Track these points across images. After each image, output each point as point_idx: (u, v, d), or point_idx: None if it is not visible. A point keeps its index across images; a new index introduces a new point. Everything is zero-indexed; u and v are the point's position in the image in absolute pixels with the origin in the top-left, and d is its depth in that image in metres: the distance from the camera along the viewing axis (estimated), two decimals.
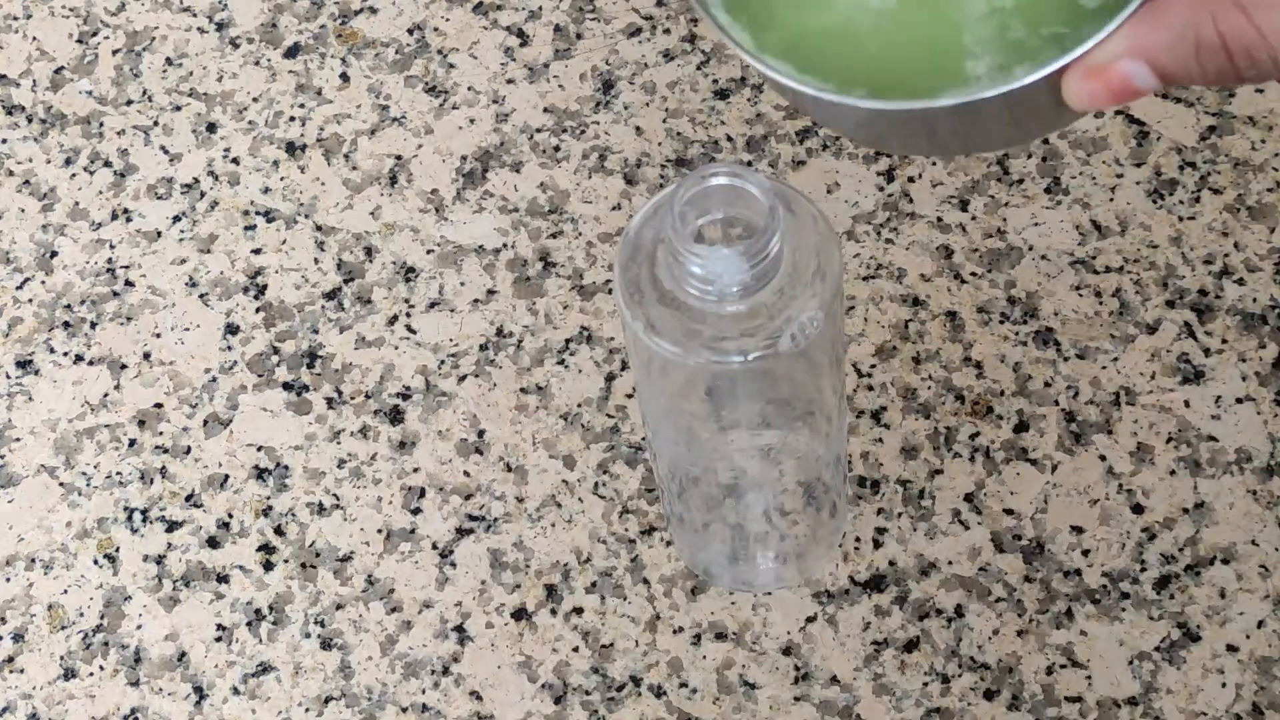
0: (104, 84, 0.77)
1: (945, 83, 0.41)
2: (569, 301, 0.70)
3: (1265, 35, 0.36)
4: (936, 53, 0.41)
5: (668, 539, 0.64)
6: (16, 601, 0.65)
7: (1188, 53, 0.37)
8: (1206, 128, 0.71)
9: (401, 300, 0.70)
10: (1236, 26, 0.36)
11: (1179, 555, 0.63)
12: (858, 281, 0.69)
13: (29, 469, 0.68)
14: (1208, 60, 0.37)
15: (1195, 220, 0.69)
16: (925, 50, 0.41)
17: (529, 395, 0.68)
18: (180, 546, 0.66)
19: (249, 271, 0.72)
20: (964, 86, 0.40)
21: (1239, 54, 0.37)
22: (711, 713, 0.61)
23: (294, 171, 0.74)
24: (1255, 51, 0.37)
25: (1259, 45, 0.36)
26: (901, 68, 0.41)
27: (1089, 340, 0.67)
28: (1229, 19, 0.36)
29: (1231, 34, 0.36)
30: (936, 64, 0.41)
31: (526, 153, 0.73)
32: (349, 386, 0.69)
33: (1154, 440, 0.65)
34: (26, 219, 0.74)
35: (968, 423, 0.66)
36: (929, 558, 0.63)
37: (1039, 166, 0.71)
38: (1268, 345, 0.66)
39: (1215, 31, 0.37)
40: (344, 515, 0.66)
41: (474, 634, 0.63)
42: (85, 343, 0.70)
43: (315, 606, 0.64)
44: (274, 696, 0.63)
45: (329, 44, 0.77)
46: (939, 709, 0.61)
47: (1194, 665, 0.61)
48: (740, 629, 0.63)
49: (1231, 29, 0.36)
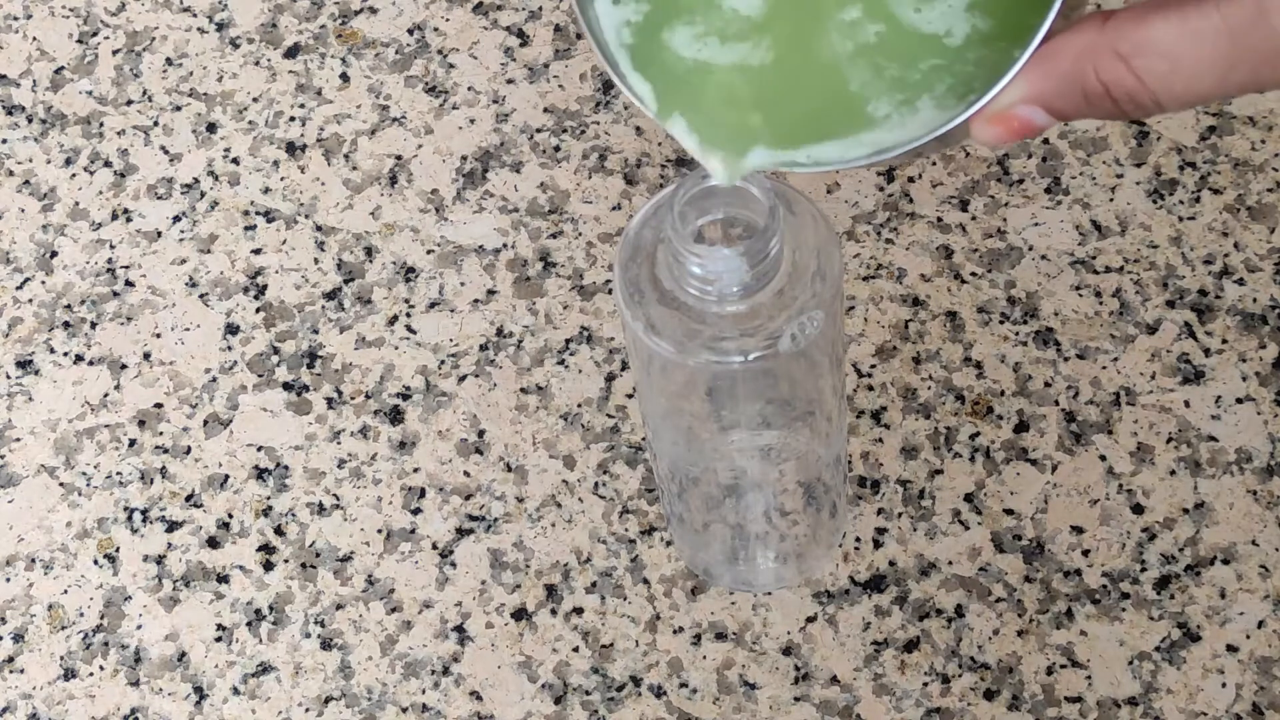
0: (104, 84, 0.77)
1: (855, 127, 0.43)
2: (569, 301, 0.70)
3: (1144, 82, 0.39)
4: (833, 101, 0.44)
5: (668, 539, 0.64)
6: (16, 601, 0.65)
7: (1077, 98, 0.40)
8: (1206, 128, 0.71)
9: (401, 300, 0.70)
10: (1117, 75, 0.39)
11: (1179, 555, 0.63)
12: (858, 281, 0.69)
13: (29, 469, 0.68)
14: (1096, 104, 0.40)
15: (1195, 220, 0.69)
16: (821, 99, 0.44)
17: (529, 395, 0.68)
18: (180, 546, 0.66)
19: (249, 271, 0.72)
20: (874, 128, 0.43)
21: (1123, 99, 0.40)
22: (711, 713, 0.61)
23: (294, 171, 0.74)
24: (1137, 96, 0.39)
25: (1140, 91, 0.39)
26: (806, 118, 0.44)
27: (1089, 340, 0.67)
28: (1110, 69, 0.39)
29: (1113, 82, 0.39)
30: (839, 110, 0.43)
31: (526, 153, 0.73)
32: (349, 386, 0.69)
33: (1154, 440, 0.65)
34: (26, 219, 0.74)
35: (968, 423, 0.66)
36: (929, 558, 0.63)
37: (1039, 166, 0.71)
38: (1268, 345, 0.66)
39: (1098, 81, 0.39)
40: (344, 515, 0.66)
41: (474, 634, 0.63)
42: (85, 343, 0.70)
43: (315, 606, 0.64)
44: (274, 696, 0.63)
45: (329, 44, 0.77)
46: (939, 709, 0.61)
47: (1194, 665, 0.61)
48: (740, 629, 0.63)
49: (1113, 78, 0.39)
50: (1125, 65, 0.39)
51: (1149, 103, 0.39)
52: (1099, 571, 0.63)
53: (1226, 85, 0.39)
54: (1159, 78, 0.39)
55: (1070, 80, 0.40)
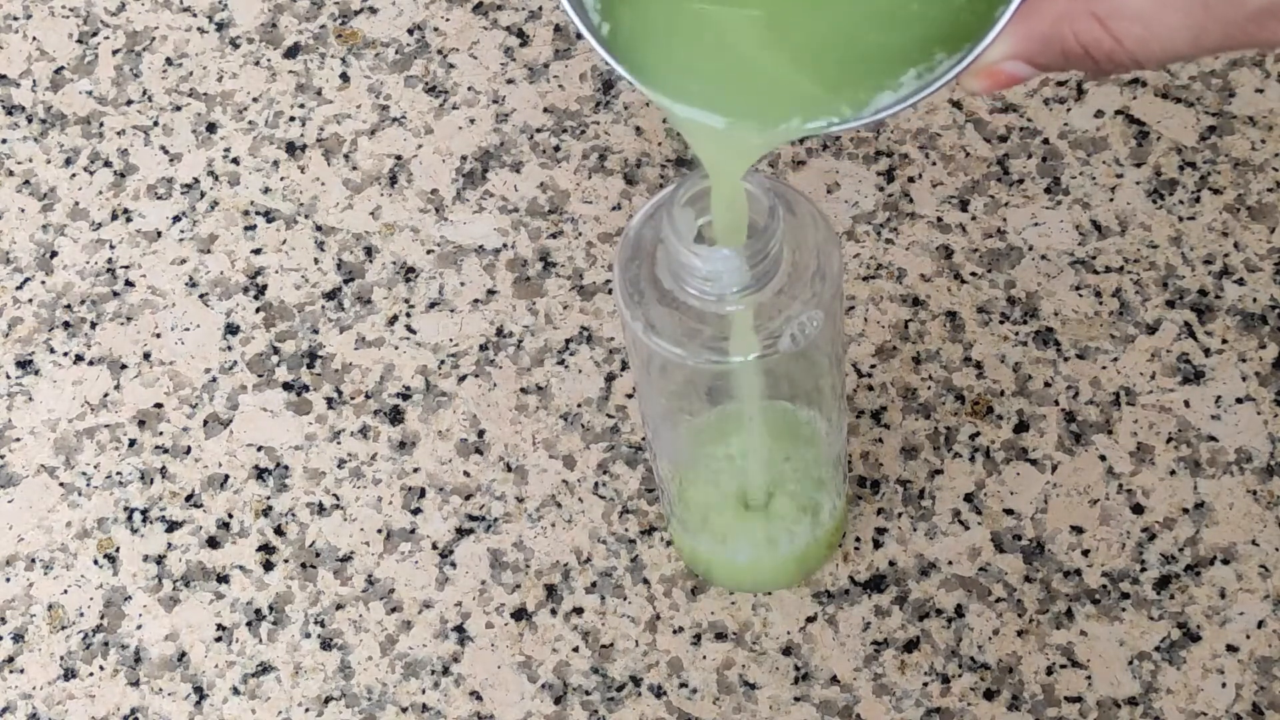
0: (104, 84, 0.77)
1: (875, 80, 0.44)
2: (569, 301, 0.70)
3: (1122, 43, 0.40)
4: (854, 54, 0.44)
5: (668, 539, 0.64)
6: (16, 601, 0.65)
7: (1057, 56, 0.41)
8: (1206, 128, 0.71)
9: (401, 300, 0.70)
10: (1095, 37, 0.40)
11: (1179, 555, 0.63)
12: (858, 281, 0.69)
13: (29, 469, 0.68)
14: (1076, 61, 0.41)
15: (1195, 220, 0.69)
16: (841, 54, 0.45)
17: (529, 395, 0.68)
18: (180, 546, 0.66)
19: (249, 271, 0.72)
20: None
21: (1101, 59, 0.41)
22: (711, 713, 0.61)
23: (294, 171, 0.74)
24: (1115, 55, 0.41)
25: (1118, 50, 0.40)
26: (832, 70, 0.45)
27: (1089, 340, 0.67)
28: (1088, 31, 0.40)
29: (1091, 44, 0.40)
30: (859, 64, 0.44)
31: (526, 153, 0.73)
32: (349, 386, 0.69)
33: (1154, 440, 0.65)
34: (26, 219, 0.74)
35: (968, 423, 0.66)
36: (929, 558, 0.63)
37: (1039, 166, 0.71)
38: (1268, 345, 0.66)
39: (1077, 43, 0.41)
40: (344, 515, 0.66)
41: (474, 634, 0.63)
42: (85, 343, 0.70)
43: (315, 606, 0.64)
44: (274, 696, 0.63)
45: (329, 44, 0.77)
46: (939, 709, 0.61)
47: (1194, 665, 0.61)
48: (740, 629, 0.63)
49: (1091, 40, 0.40)
50: (1102, 27, 0.40)
51: (1127, 61, 0.41)
52: (1099, 571, 0.63)
53: (1200, 47, 0.40)
54: (1135, 39, 0.40)
55: (1050, 41, 0.41)
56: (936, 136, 0.72)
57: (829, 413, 0.57)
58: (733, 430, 0.57)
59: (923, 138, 0.72)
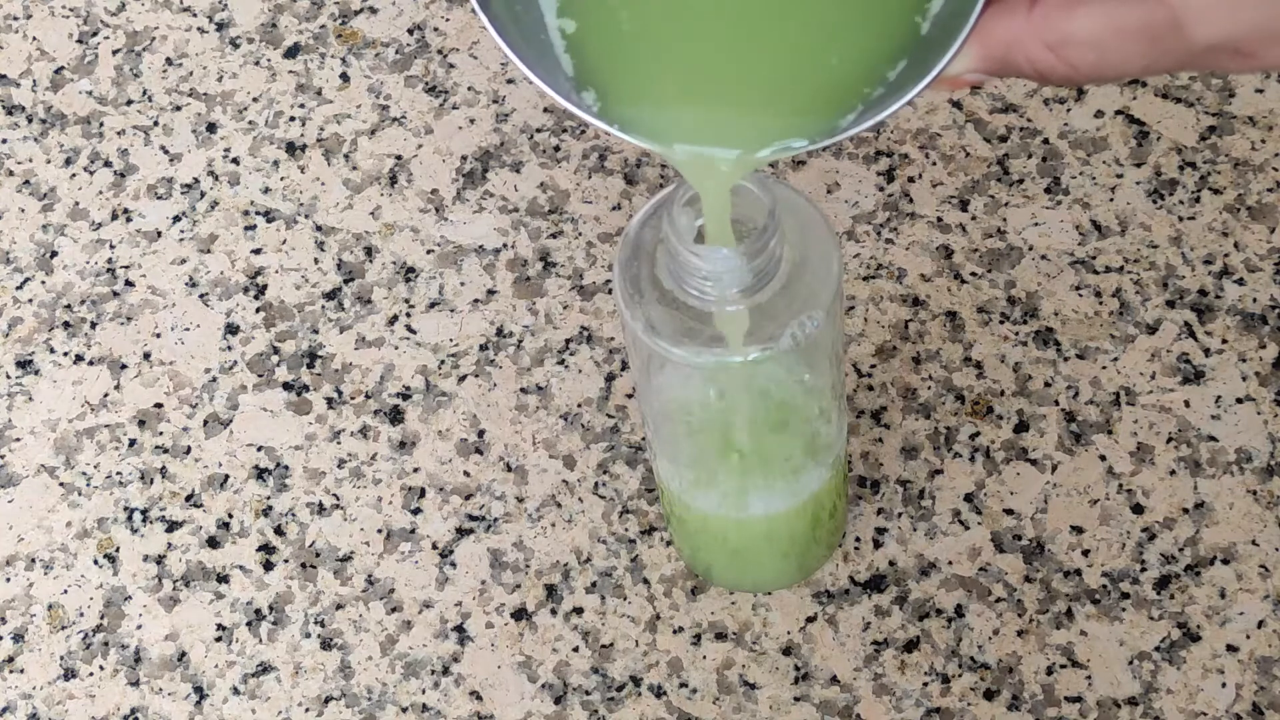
0: (104, 84, 0.77)
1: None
2: (569, 301, 0.70)
3: (1077, 68, 0.41)
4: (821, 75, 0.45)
5: (668, 539, 0.64)
6: (16, 601, 0.65)
7: (1012, 73, 0.42)
8: (1206, 128, 0.71)
9: (401, 300, 0.70)
10: (1049, 64, 0.41)
11: (1179, 555, 0.63)
12: (858, 281, 0.69)
13: (29, 469, 0.68)
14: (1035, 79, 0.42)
15: (1195, 220, 0.69)
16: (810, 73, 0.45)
17: (529, 395, 0.68)
18: (180, 546, 0.66)
19: (249, 271, 0.72)
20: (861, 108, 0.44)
21: (1058, 80, 0.42)
22: (711, 713, 0.61)
23: (294, 171, 0.74)
24: (1072, 77, 0.41)
25: (1073, 74, 0.41)
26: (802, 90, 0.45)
27: (1089, 340, 0.67)
28: (1042, 59, 0.41)
29: (1046, 70, 0.41)
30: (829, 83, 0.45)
31: (526, 153, 0.73)
32: (349, 386, 0.69)
33: (1154, 440, 0.65)
34: (26, 219, 0.74)
35: (968, 423, 0.66)
36: (929, 558, 0.63)
37: (1039, 166, 0.71)
38: (1268, 345, 0.66)
39: (1032, 69, 0.41)
40: (344, 515, 0.66)
41: (474, 634, 0.63)
42: (85, 343, 0.70)
43: (315, 606, 0.64)
44: (274, 696, 0.63)
45: (329, 44, 0.77)
46: (939, 709, 0.61)
47: (1194, 665, 0.61)
48: (740, 629, 0.63)
49: (1045, 66, 0.41)
50: (1055, 55, 0.41)
51: (1084, 81, 0.41)
52: (1099, 571, 0.63)
53: (1153, 72, 0.41)
54: (1089, 65, 0.41)
55: (1006, 64, 0.42)
56: (936, 136, 0.72)
57: (829, 413, 0.57)
58: (733, 430, 0.57)
59: (923, 138, 0.72)
